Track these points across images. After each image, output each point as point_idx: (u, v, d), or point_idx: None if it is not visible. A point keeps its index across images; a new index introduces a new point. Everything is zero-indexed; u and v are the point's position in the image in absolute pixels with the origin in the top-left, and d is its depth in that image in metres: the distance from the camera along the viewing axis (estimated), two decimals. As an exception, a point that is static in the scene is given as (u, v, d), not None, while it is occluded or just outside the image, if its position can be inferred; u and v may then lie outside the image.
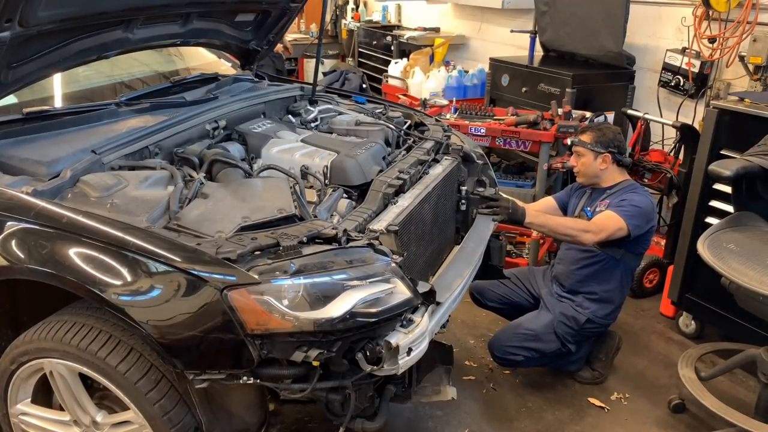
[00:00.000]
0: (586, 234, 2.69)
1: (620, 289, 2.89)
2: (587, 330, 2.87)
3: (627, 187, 2.87)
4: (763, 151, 2.50)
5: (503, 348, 2.83)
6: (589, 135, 2.89)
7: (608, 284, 2.86)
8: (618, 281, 2.87)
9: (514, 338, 2.82)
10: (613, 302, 2.88)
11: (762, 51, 3.43)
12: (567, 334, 2.83)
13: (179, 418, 1.80)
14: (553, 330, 2.82)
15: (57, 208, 1.74)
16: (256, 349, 1.60)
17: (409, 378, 2.09)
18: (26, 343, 1.87)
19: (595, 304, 2.86)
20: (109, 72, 2.81)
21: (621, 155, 2.89)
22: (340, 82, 5.78)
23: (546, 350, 2.82)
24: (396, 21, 7.15)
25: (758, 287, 2.10)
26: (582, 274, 2.88)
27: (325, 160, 2.30)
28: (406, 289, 1.75)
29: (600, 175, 2.89)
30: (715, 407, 2.54)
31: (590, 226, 2.72)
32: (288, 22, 3.14)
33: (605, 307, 2.87)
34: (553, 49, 4.75)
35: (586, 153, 2.88)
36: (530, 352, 2.81)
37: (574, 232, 2.71)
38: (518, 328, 2.86)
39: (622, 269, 2.86)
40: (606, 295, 2.86)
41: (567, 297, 2.91)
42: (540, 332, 2.82)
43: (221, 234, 1.72)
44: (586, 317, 2.83)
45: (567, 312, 2.84)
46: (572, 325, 2.83)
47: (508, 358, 2.84)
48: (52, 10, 1.94)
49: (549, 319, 2.85)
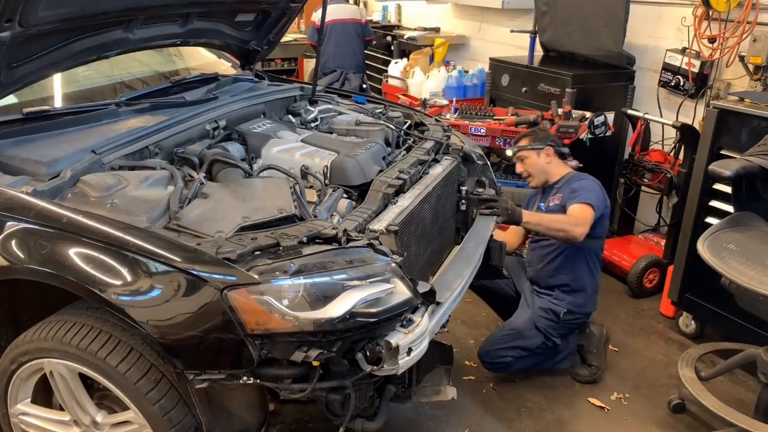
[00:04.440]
0: (577, 228, 2.74)
1: (590, 275, 2.97)
2: (569, 322, 2.94)
3: (572, 178, 3.01)
4: (763, 151, 2.50)
5: (491, 353, 2.91)
6: (525, 139, 3.10)
7: (576, 272, 2.94)
8: (585, 268, 2.95)
9: (500, 341, 2.91)
10: (585, 290, 2.96)
11: (762, 51, 3.43)
12: (549, 327, 2.90)
13: (179, 418, 1.79)
14: (534, 324, 2.90)
15: (57, 208, 1.74)
16: (256, 349, 1.60)
17: (409, 378, 2.09)
18: (26, 343, 1.87)
19: (570, 295, 2.94)
20: (109, 72, 2.81)
21: (559, 147, 3.09)
22: (340, 82, 5.79)
23: (531, 346, 2.89)
24: (396, 21, 7.15)
25: (758, 287, 2.10)
26: (550, 269, 2.97)
27: (325, 160, 2.30)
28: (406, 289, 1.75)
29: (547, 170, 3.03)
30: (715, 407, 2.54)
31: (576, 219, 2.77)
32: (288, 22, 3.14)
33: (580, 296, 2.95)
34: (553, 49, 4.75)
35: (528, 154, 3.04)
36: (516, 351, 2.88)
37: (567, 226, 2.76)
38: (502, 330, 2.96)
39: (585, 255, 2.95)
40: (577, 283, 2.95)
41: (544, 293, 3.00)
42: (522, 329, 2.90)
43: (221, 234, 1.72)
44: (565, 308, 2.91)
45: (545, 306, 2.94)
46: (552, 318, 2.91)
47: (497, 362, 2.91)
48: (52, 10, 1.94)
49: (528, 315, 2.94)
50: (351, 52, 5.86)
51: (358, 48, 5.94)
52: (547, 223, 2.80)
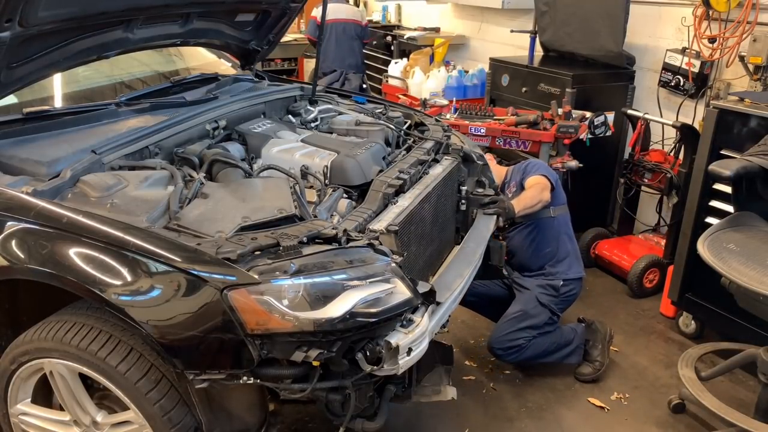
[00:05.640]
0: (544, 192, 2.90)
1: (569, 240, 3.11)
2: (567, 294, 3.04)
3: (515, 167, 3.18)
4: (763, 151, 2.50)
5: (501, 339, 2.91)
6: None
7: (556, 241, 3.06)
8: (565, 234, 3.09)
9: (508, 326, 2.92)
10: (569, 254, 3.07)
11: (762, 51, 3.43)
12: (551, 301, 2.98)
13: (179, 418, 1.80)
14: (537, 301, 2.96)
15: (57, 208, 1.74)
16: (256, 349, 1.60)
17: (409, 378, 2.09)
18: (26, 343, 1.87)
19: (559, 265, 3.04)
20: (109, 72, 2.81)
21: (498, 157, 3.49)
22: (340, 82, 5.79)
23: (539, 323, 2.93)
24: (396, 21, 7.15)
25: (758, 287, 2.10)
26: (534, 247, 3.07)
27: (325, 160, 2.30)
28: (406, 289, 1.75)
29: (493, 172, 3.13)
30: (715, 407, 2.54)
31: (537, 185, 2.94)
32: (288, 22, 3.14)
33: (566, 263, 3.05)
34: (553, 49, 4.75)
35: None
36: (526, 331, 2.91)
37: (537, 195, 2.88)
38: (506, 317, 2.97)
39: (560, 223, 3.07)
40: (561, 252, 3.06)
41: (536, 274, 3.06)
42: (527, 308, 2.95)
43: (221, 234, 1.72)
44: (560, 280, 3.00)
45: (541, 283, 3.01)
46: (551, 292, 2.99)
47: (510, 347, 2.89)
48: (52, 10, 1.94)
49: (529, 294, 3.00)
50: (351, 52, 5.87)
51: (357, 48, 5.95)
52: (524, 202, 2.86)
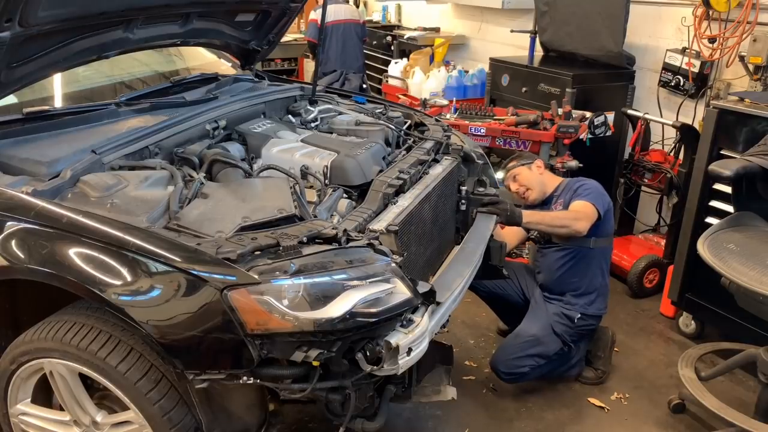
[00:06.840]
0: (578, 222, 2.75)
1: (601, 276, 2.97)
2: (582, 327, 2.92)
3: (571, 182, 3.02)
4: (763, 151, 2.51)
5: (508, 362, 2.82)
6: (511, 162, 3.15)
7: (589, 276, 2.93)
8: (598, 268, 2.95)
9: (518, 349, 2.82)
10: (596, 290, 2.95)
11: (762, 51, 3.43)
12: (565, 332, 2.87)
13: (179, 418, 1.79)
14: (552, 330, 2.85)
15: (57, 208, 1.74)
16: (256, 349, 1.60)
17: (409, 378, 2.09)
18: (26, 343, 1.87)
19: (582, 298, 2.92)
20: (109, 72, 2.81)
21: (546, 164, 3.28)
22: (340, 83, 5.79)
23: (549, 353, 2.84)
24: (396, 21, 7.15)
25: (758, 287, 2.10)
26: (562, 273, 2.95)
27: (325, 160, 2.30)
28: (406, 289, 1.75)
29: (543, 180, 3.07)
30: (715, 407, 2.54)
31: (577, 213, 2.78)
32: (288, 22, 3.14)
33: (589, 297, 2.94)
34: (553, 49, 4.75)
35: (520, 170, 3.09)
36: (535, 359, 2.82)
37: (569, 221, 2.76)
38: (517, 338, 2.88)
39: (598, 256, 2.94)
40: (588, 286, 2.94)
41: (556, 298, 2.96)
42: (540, 335, 2.84)
43: (221, 234, 1.72)
44: (578, 313, 2.89)
45: (558, 311, 2.90)
46: (567, 323, 2.88)
47: (514, 372, 2.83)
48: (52, 10, 1.94)
49: (544, 321, 2.89)
50: (352, 53, 5.88)
51: (358, 48, 5.95)
52: (549, 220, 2.80)
